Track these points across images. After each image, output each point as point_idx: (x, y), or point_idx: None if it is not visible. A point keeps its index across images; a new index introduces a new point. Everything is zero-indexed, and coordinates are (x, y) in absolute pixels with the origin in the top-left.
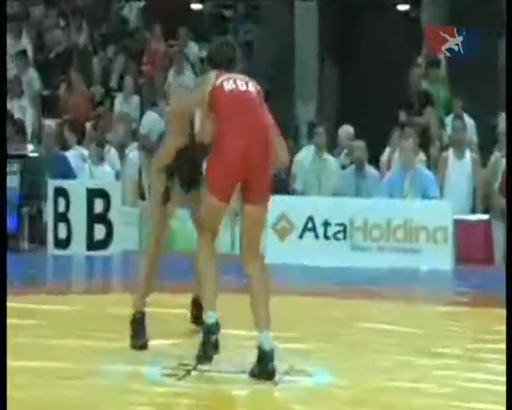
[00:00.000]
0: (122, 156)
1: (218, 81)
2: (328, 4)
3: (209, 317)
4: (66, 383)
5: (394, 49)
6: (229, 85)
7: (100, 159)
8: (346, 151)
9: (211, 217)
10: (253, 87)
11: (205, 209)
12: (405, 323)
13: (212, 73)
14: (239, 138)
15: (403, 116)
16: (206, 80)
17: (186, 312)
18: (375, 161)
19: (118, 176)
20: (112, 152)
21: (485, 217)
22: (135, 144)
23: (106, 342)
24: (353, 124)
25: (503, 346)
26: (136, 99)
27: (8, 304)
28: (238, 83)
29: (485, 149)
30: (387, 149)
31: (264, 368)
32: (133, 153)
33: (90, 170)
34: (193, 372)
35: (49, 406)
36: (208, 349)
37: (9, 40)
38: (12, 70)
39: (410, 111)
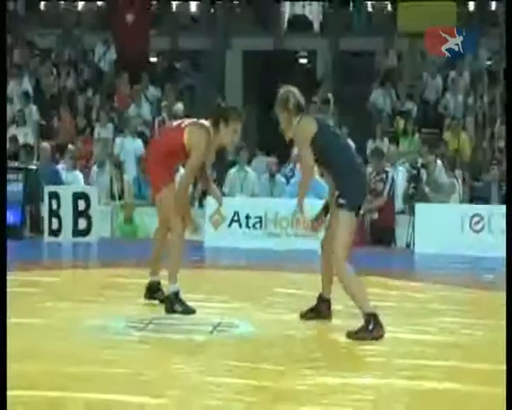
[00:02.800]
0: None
1: None
2: (250, 56)
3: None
4: (55, 336)
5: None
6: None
7: (72, 167)
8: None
9: None
10: (176, 127)
11: None
12: (309, 288)
13: None
14: None
15: None
16: None
17: (145, 281)
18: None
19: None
20: (94, 169)
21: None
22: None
23: (88, 303)
24: (270, 149)
25: (374, 303)
26: (110, 126)
27: (14, 277)
28: (174, 123)
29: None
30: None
31: None
32: (107, 166)
33: (67, 177)
34: (149, 325)
35: (39, 354)
36: None
37: (14, 83)
38: (17, 105)
39: None
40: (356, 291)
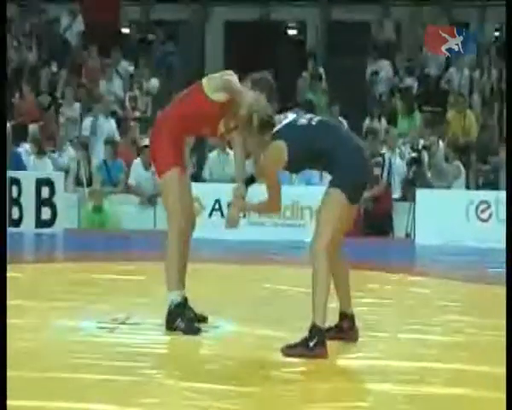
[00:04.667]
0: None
1: None
2: (232, 28)
3: None
4: (20, 337)
5: (286, 64)
6: None
7: (38, 153)
8: None
9: None
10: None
11: None
12: (296, 284)
13: None
14: None
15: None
16: None
17: (115, 277)
18: None
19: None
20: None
21: None
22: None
23: (52, 301)
24: None
25: (371, 300)
26: (77, 105)
27: None
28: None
29: None
30: None
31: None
32: (70, 149)
33: (34, 162)
34: (121, 326)
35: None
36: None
37: None
38: None
39: None
40: (321, 293)
